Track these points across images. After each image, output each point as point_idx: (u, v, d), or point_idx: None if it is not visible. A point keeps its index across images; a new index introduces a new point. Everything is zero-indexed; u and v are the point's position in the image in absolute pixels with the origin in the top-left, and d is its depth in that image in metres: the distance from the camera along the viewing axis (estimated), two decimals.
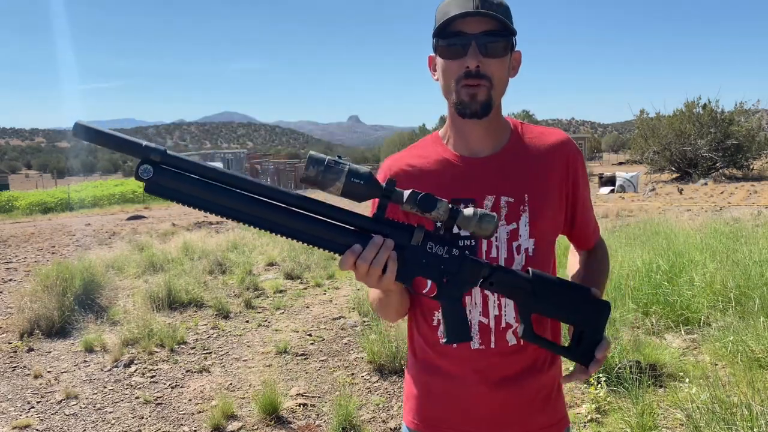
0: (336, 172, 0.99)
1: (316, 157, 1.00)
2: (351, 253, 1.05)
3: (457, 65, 1.21)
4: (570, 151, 1.33)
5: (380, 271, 1.06)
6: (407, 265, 1.08)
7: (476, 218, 1.05)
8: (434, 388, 1.34)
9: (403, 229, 1.08)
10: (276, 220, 1.02)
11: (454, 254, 1.10)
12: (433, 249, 1.09)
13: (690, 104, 28.43)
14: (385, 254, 1.05)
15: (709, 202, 16.11)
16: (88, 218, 17.85)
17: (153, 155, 0.96)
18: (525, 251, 1.28)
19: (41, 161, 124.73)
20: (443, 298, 1.12)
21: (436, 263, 1.09)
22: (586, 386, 3.75)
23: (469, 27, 1.19)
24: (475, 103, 1.22)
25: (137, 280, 7.72)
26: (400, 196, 1.04)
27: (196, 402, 4.03)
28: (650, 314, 4.84)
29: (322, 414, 3.78)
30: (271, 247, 9.41)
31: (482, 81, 1.21)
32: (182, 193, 0.99)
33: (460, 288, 1.11)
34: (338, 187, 1.00)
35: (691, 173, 26.99)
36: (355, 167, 1.01)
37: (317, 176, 1.00)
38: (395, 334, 4.54)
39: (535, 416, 1.31)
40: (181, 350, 5.06)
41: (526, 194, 1.27)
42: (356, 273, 1.07)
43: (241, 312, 6.24)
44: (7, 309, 6.45)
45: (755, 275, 4.91)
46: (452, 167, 1.31)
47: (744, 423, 2.82)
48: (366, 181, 1.01)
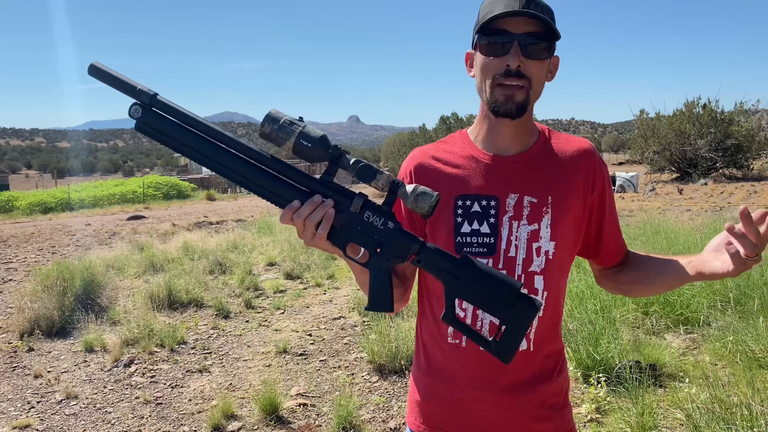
0: (288, 132, 1.07)
1: (273, 116, 1.08)
2: (290, 208, 1.10)
3: (497, 63, 1.20)
4: (596, 162, 1.32)
5: (314, 228, 1.10)
6: (343, 229, 1.13)
7: (414, 194, 1.08)
8: (439, 391, 1.33)
9: (346, 195, 1.13)
10: (238, 171, 1.11)
11: (389, 227, 1.13)
12: (369, 219, 1.13)
13: (690, 104, 28.42)
14: (320, 212, 1.09)
15: (709, 202, 16.12)
16: (88, 218, 17.84)
17: (143, 98, 1.06)
18: (545, 253, 1.26)
19: (41, 161, 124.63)
20: (372, 267, 1.15)
21: (371, 232, 1.14)
22: (586, 386, 3.75)
23: (513, 26, 1.18)
24: (511, 103, 1.21)
25: (137, 280, 7.72)
26: (346, 162, 1.09)
27: (196, 402, 4.03)
28: (650, 314, 4.84)
29: (322, 414, 3.78)
30: (271, 247, 9.42)
31: (522, 81, 1.20)
32: (164, 134, 1.09)
33: (389, 260, 1.15)
34: (289, 146, 1.08)
35: (691, 173, 26.98)
36: (307, 130, 1.07)
37: (271, 133, 1.07)
38: (395, 334, 4.55)
39: (538, 424, 1.29)
40: (181, 350, 5.06)
41: (549, 196, 1.26)
42: (297, 229, 1.13)
43: (241, 312, 6.24)
44: (7, 309, 6.45)
45: (755, 275, 4.91)
46: (478, 163, 1.30)
47: (744, 423, 2.82)
48: (314, 144, 1.07)
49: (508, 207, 1.26)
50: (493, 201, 1.26)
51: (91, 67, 1.07)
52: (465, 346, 1.28)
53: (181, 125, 1.09)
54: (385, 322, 4.89)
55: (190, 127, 1.10)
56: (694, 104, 28.31)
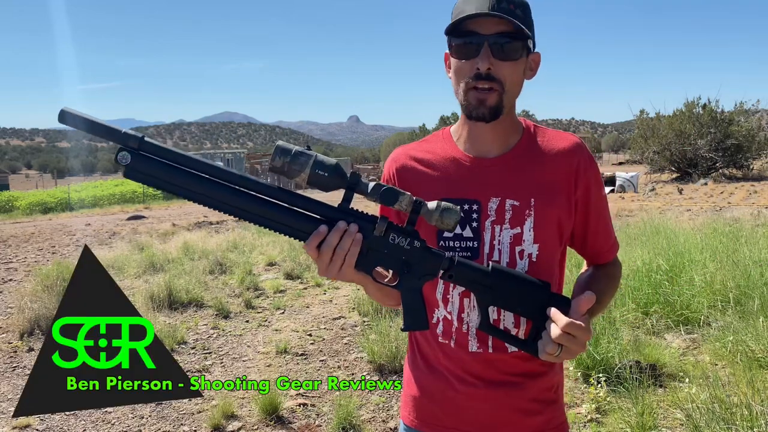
0: (302, 163, 1.02)
1: (284, 148, 1.03)
2: (317, 235, 1.06)
3: (468, 66, 1.18)
4: (582, 157, 1.28)
5: (343, 258, 1.06)
6: (369, 254, 1.11)
7: (438, 211, 1.07)
8: (432, 386, 1.33)
9: (367, 219, 1.10)
10: (245, 207, 1.05)
11: (416, 246, 1.12)
12: (395, 240, 1.11)
13: (690, 104, 28.43)
14: (348, 240, 1.06)
15: (709, 202, 16.11)
16: (88, 218, 17.85)
17: (131, 142, 1.00)
18: (528, 256, 1.24)
19: (41, 161, 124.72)
20: (403, 288, 1.14)
21: (398, 254, 1.12)
22: (586, 386, 3.75)
23: (482, 27, 1.16)
24: (483, 108, 1.19)
25: (137, 280, 7.72)
26: (365, 187, 1.06)
27: (196, 402, 4.03)
28: (650, 314, 4.84)
29: (322, 414, 3.78)
30: (271, 247, 9.42)
31: (493, 84, 1.18)
32: (158, 179, 1.02)
33: (420, 279, 1.14)
34: (303, 178, 1.03)
35: (691, 173, 26.98)
36: (321, 159, 1.03)
37: (283, 167, 1.02)
38: (395, 334, 4.54)
39: (530, 418, 1.29)
40: (181, 350, 5.06)
41: (532, 198, 1.24)
42: (319, 261, 1.08)
43: (241, 312, 6.24)
44: (7, 309, 6.45)
45: (755, 275, 4.91)
46: (459, 166, 1.29)
47: (744, 423, 2.82)
48: (331, 172, 1.03)
49: (491, 211, 1.25)
50: (476, 205, 1.25)
51: (62, 113, 0.98)
52: (455, 346, 1.29)
53: (179, 167, 1.03)
54: (386, 322, 4.88)
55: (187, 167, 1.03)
56: (694, 104, 28.32)
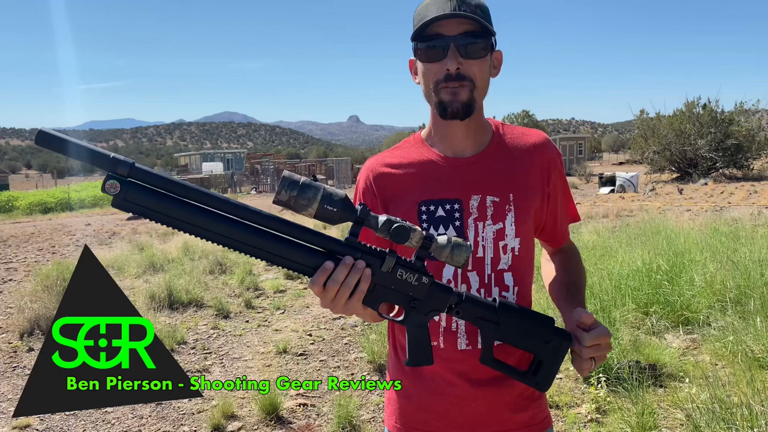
0: (309, 198, 0.97)
1: (291, 180, 0.96)
2: (323, 271, 1.01)
3: (437, 68, 1.21)
4: (550, 152, 1.34)
5: (348, 294, 1.03)
6: (376, 290, 1.07)
7: (449, 248, 1.03)
8: (416, 390, 1.33)
9: (375, 254, 1.06)
10: (246, 241, 0.98)
11: (424, 282, 1.09)
12: (403, 276, 1.07)
13: (690, 104, 28.40)
14: (355, 276, 1.02)
15: (709, 202, 16.11)
16: (88, 218, 17.85)
17: (121, 168, 0.90)
18: (512, 250, 1.28)
19: (41, 161, 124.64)
20: (410, 324, 1.11)
21: (405, 290, 1.08)
22: (587, 386, 3.75)
23: (447, 29, 1.19)
24: (457, 103, 1.21)
25: (137, 280, 7.72)
26: (374, 221, 1.02)
27: (196, 402, 4.03)
28: (650, 314, 4.84)
29: (322, 414, 3.78)
30: None
31: (464, 82, 1.20)
32: (152, 210, 0.93)
33: (427, 314, 1.11)
34: (311, 213, 0.98)
35: (691, 173, 26.96)
36: (329, 192, 0.98)
37: (290, 200, 0.97)
38: None
39: (517, 415, 1.31)
40: (181, 350, 5.06)
41: (511, 194, 1.28)
42: (323, 297, 1.04)
43: (241, 312, 6.24)
44: (7, 309, 6.45)
45: (755, 275, 4.92)
46: (436, 167, 1.30)
47: (744, 423, 2.82)
48: (339, 207, 0.98)
49: (472, 209, 1.27)
50: (457, 204, 1.27)
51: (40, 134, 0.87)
52: (443, 347, 1.29)
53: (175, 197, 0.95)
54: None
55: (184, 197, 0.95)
56: (694, 104, 28.29)
